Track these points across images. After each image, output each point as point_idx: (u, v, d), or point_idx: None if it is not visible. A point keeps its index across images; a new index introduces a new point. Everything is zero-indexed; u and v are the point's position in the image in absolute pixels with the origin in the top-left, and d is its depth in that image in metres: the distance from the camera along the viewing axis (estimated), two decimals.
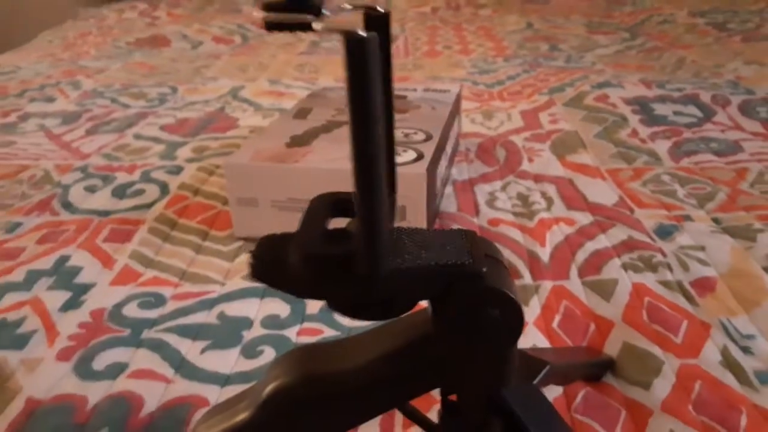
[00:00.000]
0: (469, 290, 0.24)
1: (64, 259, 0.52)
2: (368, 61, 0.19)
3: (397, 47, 1.21)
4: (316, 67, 1.09)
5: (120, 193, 0.63)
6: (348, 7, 0.25)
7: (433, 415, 0.30)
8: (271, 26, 0.21)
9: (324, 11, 0.21)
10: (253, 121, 0.83)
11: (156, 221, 0.57)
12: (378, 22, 0.24)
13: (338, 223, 0.26)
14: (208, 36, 1.38)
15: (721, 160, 0.66)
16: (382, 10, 0.24)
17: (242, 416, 0.29)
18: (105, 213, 0.59)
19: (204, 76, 1.05)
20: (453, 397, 0.28)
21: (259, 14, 0.21)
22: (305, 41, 1.31)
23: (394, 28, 1.39)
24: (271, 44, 1.29)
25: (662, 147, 0.70)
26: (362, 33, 0.19)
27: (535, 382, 0.30)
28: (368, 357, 0.28)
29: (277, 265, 0.25)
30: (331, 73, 1.05)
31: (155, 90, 0.97)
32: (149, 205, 0.60)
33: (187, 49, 1.27)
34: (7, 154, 0.74)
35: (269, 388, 0.28)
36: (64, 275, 0.50)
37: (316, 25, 0.20)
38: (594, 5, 1.55)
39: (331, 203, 0.27)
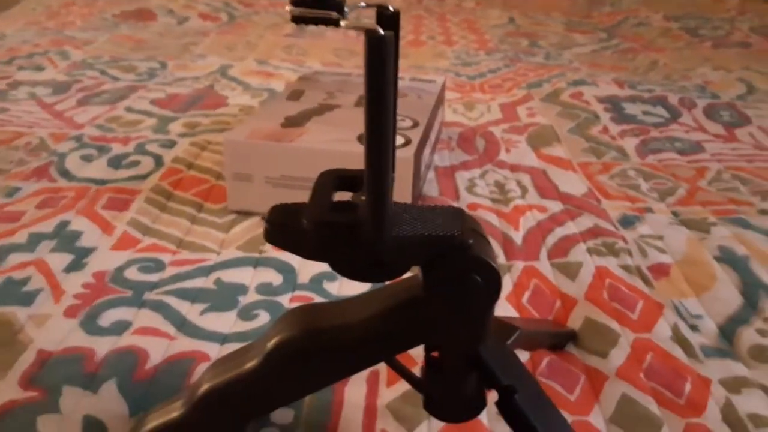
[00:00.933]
0: (457, 258, 0.28)
1: (65, 223, 0.55)
2: (386, 56, 0.22)
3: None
4: (303, 50, 1.12)
5: (116, 163, 0.65)
6: (363, 4, 0.28)
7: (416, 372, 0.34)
8: (297, 19, 0.25)
9: (345, 8, 0.25)
10: (242, 100, 0.86)
11: (152, 192, 0.60)
12: (389, 19, 0.27)
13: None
14: (194, 12, 1.39)
15: (683, 158, 0.71)
16: (392, 9, 0.28)
17: (250, 365, 0.32)
18: (102, 182, 0.62)
19: (192, 53, 1.06)
20: (435, 354, 0.32)
21: (288, 8, 0.25)
22: (291, 23, 1.33)
23: None
24: (258, 24, 1.30)
25: (630, 144, 0.75)
26: (381, 31, 0.23)
27: (507, 343, 0.34)
28: (363, 315, 0.31)
29: (289, 230, 0.29)
30: (317, 56, 1.08)
31: (145, 64, 0.99)
32: (144, 176, 0.63)
33: (173, 25, 1.29)
34: (1, 120, 0.75)
35: (273, 340, 0.32)
36: (65, 239, 0.53)
37: (342, 23, 0.23)
38: (575, 4, 1.59)
39: (336, 179, 0.31)
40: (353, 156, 0.53)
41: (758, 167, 0.70)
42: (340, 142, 0.54)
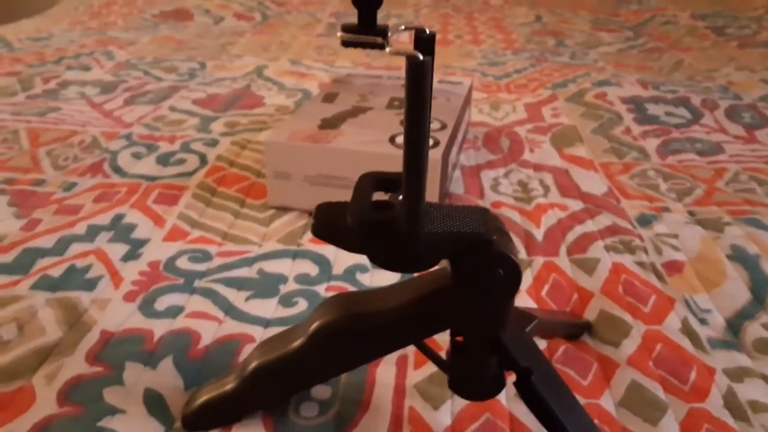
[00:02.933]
0: (482, 253, 0.32)
1: (120, 216, 0.60)
2: (425, 78, 0.26)
3: (411, 34, 1.27)
4: (333, 50, 1.16)
5: (164, 161, 0.70)
6: (403, 28, 0.32)
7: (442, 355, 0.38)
8: (347, 44, 0.29)
9: (389, 33, 0.28)
10: (278, 100, 0.90)
11: (198, 188, 0.65)
12: (426, 42, 0.31)
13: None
14: (229, 12, 1.44)
15: (703, 159, 0.74)
16: (428, 32, 0.31)
17: (295, 344, 0.36)
18: (152, 178, 0.67)
19: (229, 54, 1.11)
20: (460, 339, 0.36)
21: (339, 33, 0.28)
22: (323, 23, 1.37)
23: (409, 15, 1.45)
24: (291, 24, 1.35)
25: (651, 145, 0.77)
26: (421, 57, 0.26)
27: (526, 330, 0.38)
28: (397, 302, 0.35)
29: (334, 226, 0.33)
30: (348, 56, 1.11)
31: (185, 65, 1.04)
32: (190, 174, 0.68)
33: (210, 24, 1.34)
34: (56, 119, 0.81)
35: (317, 323, 0.36)
36: (121, 230, 0.58)
37: (387, 49, 0.27)
38: (602, 2, 1.61)
39: (374, 180, 0.35)
40: (385, 157, 0.57)
41: None
42: (373, 143, 0.58)
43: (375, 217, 0.31)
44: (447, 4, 1.57)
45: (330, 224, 0.33)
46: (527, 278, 0.52)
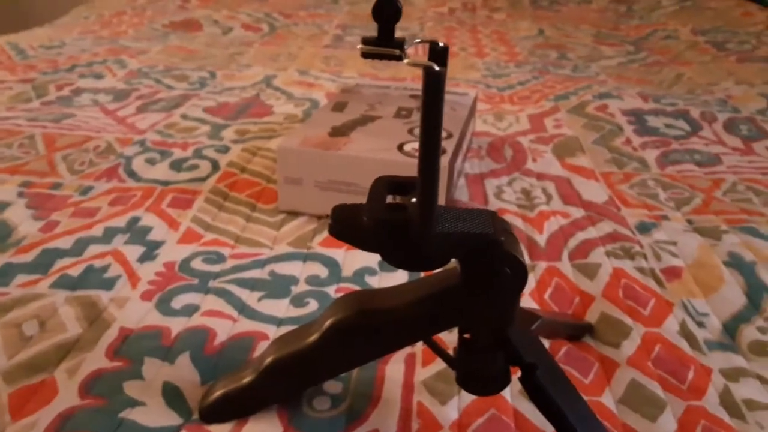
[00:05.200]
0: (490, 253, 0.33)
1: (136, 219, 0.61)
2: (441, 88, 0.28)
3: (416, 47, 1.29)
4: (340, 60, 1.18)
5: (177, 166, 0.72)
6: (418, 40, 0.34)
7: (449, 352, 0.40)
8: (366, 55, 0.31)
9: (405, 45, 0.30)
10: (286, 109, 0.92)
11: (211, 193, 0.67)
12: (439, 54, 0.33)
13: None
14: (237, 22, 1.46)
15: (701, 170, 0.76)
16: (442, 44, 0.33)
17: (309, 340, 0.38)
18: (166, 183, 0.69)
19: (239, 63, 1.13)
20: (468, 335, 0.38)
21: (359, 46, 0.30)
22: (329, 34, 1.39)
23: (414, 27, 1.48)
24: (298, 36, 1.37)
25: (651, 155, 0.79)
26: (437, 68, 0.28)
27: (531, 328, 0.40)
28: (408, 300, 0.37)
29: (350, 226, 0.35)
30: (354, 67, 1.14)
31: (196, 74, 1.06)
32: (203, 179, 0.70)
33: (219, 35, 1.36)
34: (71, 125, 0.83)
35: (330, 320, 0.38)
36: (137, 233, 0.59)
37: (405, 61, 0.29)
38: (603, 17, 1.63)
39: (388, 184, 0.37)
40: (394, 164, 0.59)
41: None
42: (382, 151, 0.60)
43: (390, 217, 0.33)
44: (451, 18, 1.60)
45: (347, 224, 0.35)
46: (530, 282, 0.54)
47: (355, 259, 0.56)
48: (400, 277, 0.54)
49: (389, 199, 0.36)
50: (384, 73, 1.11)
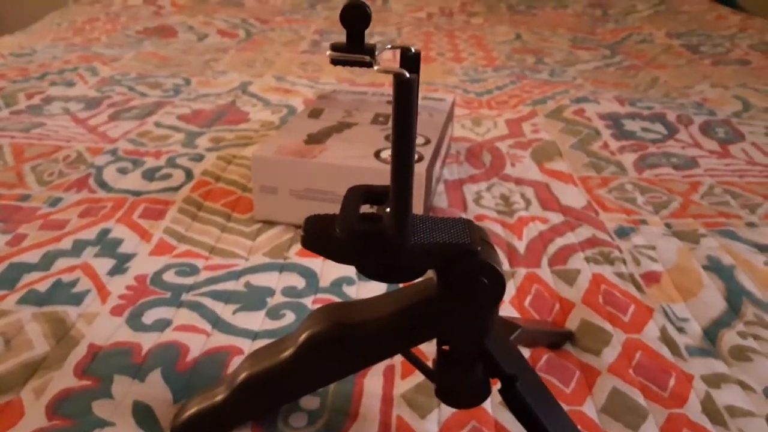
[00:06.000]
0: (467, 263, 0.33)
1: (106, 231, 0.60)
2: (411, 94, 0.27)
3: (394, 53, 1.29)
4: (318, 66, 1.17)
5: (149, 175, 0.71)
6: (389, 47, 0.33)
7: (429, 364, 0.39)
8: (336, 62, 0.30)
9: (376, 51, 0.29)
10: (263, 116, 0.91)
11: (184, 202, 0.65)
12: (411, 60, 0.32)
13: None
14: (213, 29, 1.45)
15: (678, 173, 0.76)
16: (414, 50, 0.32)
17: (284, 355, 0.37)
18: (137, 193, 0.67)
19: (214, 70, 1.12)
20: (446, 347, 0.37)
21: (328, 52, 0.30)
22: (307, 40, 1.38)
23: (392, 33, 1.47)
24: (275, 41, 1.36)
25: (628, 159, 0.79)
26: (407, 74, 0.27)
27: (510, 339, 0.39)
28: (385, 312, 0.36)
29: (323, 238, 0.33)
30: (332, 73, 1.13)
31: (170, 81, 1.04)
32: (177, 188, 0.68)
33: (194, 41, 1.34)
34: (40, 134, 0.81)
35: (305, 334, 0.37)
36: (107, 245, 0.58)
37: (375, 67, 0.28)
38: (580, 21, 1.64)
39: (362, 193, 0.36)
40: (371, 171, 0.58)
41: (749, 182, 0.74)
42: (358, 158, 0.59)
43: (363, 228, 0.32)
44: (429, 23, 1.60)
45: (319, 236, 0.34)
46: (510, 289, 0.53)
47: (333, 269, 0.55)
48: (378, 287, 0.53)
49: (364, 208, 0.35)
50: (362, 78, 1.10)
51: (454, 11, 1.72)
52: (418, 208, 0.59)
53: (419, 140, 0.64)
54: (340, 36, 1.41)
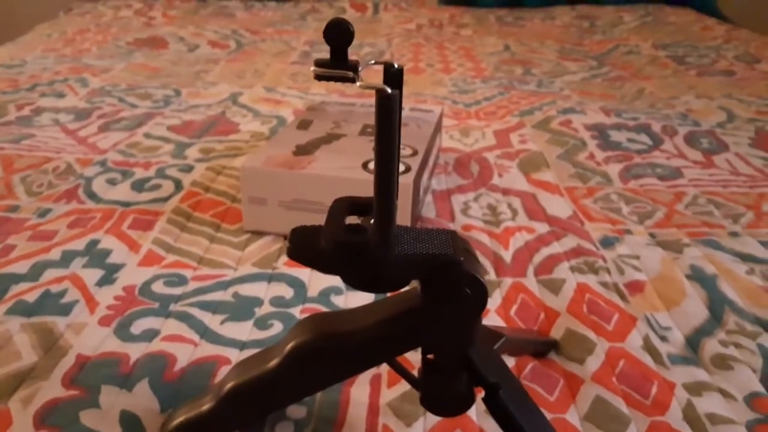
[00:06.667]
0: (450, 274, 0.33)
1: (95, 242, 0.60)
2: (393, 110, 0.28)
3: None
4: (308, 77, 1.18)
5: (139, 186, 0.71)
6: (373, 62, 0.34)
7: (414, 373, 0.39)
8: (320, 77, 0.30)
9: (359, 67, 0.30)
10: (253, 127, 0.91)
11: (173, 213, 0.65)
12: (394, 76, 0.33)
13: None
14: (203, 39, 1.46)
15: (663, 183, 0.77)
16: (396, 66, 0.33)
17: (270, 364, 0.37)
18: (126, 204, 0.67)
19: (204, 81, 1.12)
20: (431, 356, 0.37)
21: (312, 68, 0.30)
22: (297, 51, 1.39)
23: (382, 44, 1.48)
24: (265, 52, 1.37)
25: (614, 170, 0.80)
26: (389, 90, 0.28)
27: (494, 347, 0.39)
28: (370, 321, 0.37)
29: (308, 249, 0.34)
30: (322, 84, 1.14)
31: (160, 92, 1.05)
32: (165, 199, 0.68)
33: (185, 52, 1.35)
34: (30, 146, 0.81)
35: (291, 343, 0.37)
36: (96, 256, 0.58)
37: (357, 83, 0.29)
38: (567, 32, 1.66)
39: (348, 205, 0.36)
40: (359, 182, 0.58)
41: (732, 192, 0.75)
42: (346, 169, 0.60)
43: (348, 239, 0.33)
44: (419, 34, 1.61)
45: (305, 247, 0.34)
46: (496, 298, 0.54)
47: (321, 279, 0.56)
48: (366, 296, 0.54)
49: (349, 220, 0.35)
50: (351, 89, 1.11)
51: (443, 23, 1.73)
52: (405, 218, 0.59)
53: (407, 151, 0.64)
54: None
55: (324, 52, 1.38)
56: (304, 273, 0.57)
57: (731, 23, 1.81)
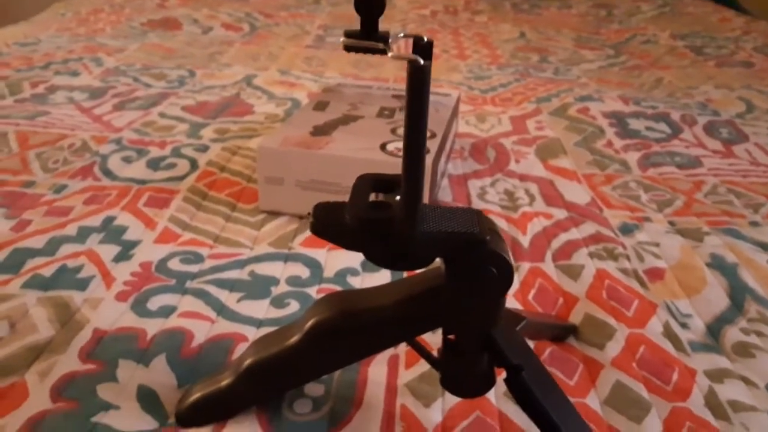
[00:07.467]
0: (475, 252, 0.33)
1: (111, 218, 0.60)
2: (425, 81, 0.27)
3: (398, 48, 1.29)
4: (322, 61, 1.17)
5: (154, 165, 0.71)
6: (402, 35, 0.33)
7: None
8: (349, 48, 0.30)
9: (389, 39, 0.29)
10: (267, 109, 0.91)
11: (189, 192, 0.65)
12: (424, 49, 0.32)
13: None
14: (217, 22, 1.45)
15: (682, 172, 0.76)
16: (426, 39, 0.32)
17: (290, 342, 0.37)
18: (142, 182, 0.67)
19: (219, 62, 1.12)
20: (452, 337, 0.37)
21: (341, 39, 0.30)
22: (311, 35, 1.38)
23: (396, 29, 1.47)
24: (279, 36, 1.36)
25: (633, 157, 0.79)
26: (422, 61, 0.28)
27: (516, 329, 0.39)
28: (391, 300, 0.36)
29: (332, 224, 0.34)
30: (336, 68, 1.13)
31: (175, 72, 1.04)
32: (181, 178, 0.68)
33: (198, 34, 1.34)
34: (45, 122, 0.81)
35: (311, 321, 0.37)
36: (112, 232, 0.58)
37: (389, 54, 0.28)
38: (584, 21, 1.64)
39: (372, 181, 0.36)
40: (377, 163, 0.58)
41: (752, 182, 0.74)
42: (364, 150, 0.59)
43: (373, 215, 0.32)
44: (434, 20, 1.60)
45: (329, 222, 0.34)
46: (514, 283, 0.53)
47: (338, 260, 0.56)
48: (382, 277, 0.53)
49: (373, 197, 0.35)
50: (366, 73, 1.10)
51: (458, 9, 1.72)
52: (424, 200, 0.59)
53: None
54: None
55: (337, 37, 1.37)
56: (321, 253, 0.56)
57: (749, 15, 1.78)
